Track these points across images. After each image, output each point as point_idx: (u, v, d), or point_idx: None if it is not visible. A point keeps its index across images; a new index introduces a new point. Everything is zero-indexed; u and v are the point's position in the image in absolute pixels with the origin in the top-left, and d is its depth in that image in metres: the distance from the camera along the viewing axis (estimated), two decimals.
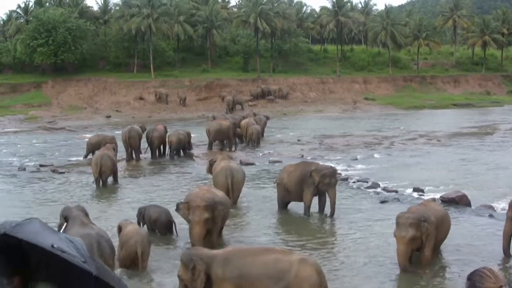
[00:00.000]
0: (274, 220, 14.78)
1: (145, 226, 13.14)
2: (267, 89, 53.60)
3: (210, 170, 17.20)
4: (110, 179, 19.38)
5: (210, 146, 26.32)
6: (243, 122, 29.07)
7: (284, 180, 15.21)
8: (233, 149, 26.63)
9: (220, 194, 12.64)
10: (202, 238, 11.60)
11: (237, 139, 28.03)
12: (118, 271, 10.45)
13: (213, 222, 11.73)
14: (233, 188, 15.48)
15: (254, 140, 28.36)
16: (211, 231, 11.91)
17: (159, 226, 13.04)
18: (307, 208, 14.75)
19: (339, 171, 21.26)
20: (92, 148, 23.87)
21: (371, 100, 55.42)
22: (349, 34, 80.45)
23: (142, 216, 13.16)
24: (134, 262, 10.78)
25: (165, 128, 25.52)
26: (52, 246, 2.00)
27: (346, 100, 55.29)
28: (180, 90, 51.96)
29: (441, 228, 11.12)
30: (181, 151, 25.16)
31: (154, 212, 13.16)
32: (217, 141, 27.14)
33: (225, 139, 26.84)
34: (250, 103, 50.55)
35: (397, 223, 10.77)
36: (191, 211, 11.65)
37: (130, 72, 56.72)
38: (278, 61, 63.26)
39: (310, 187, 14.50)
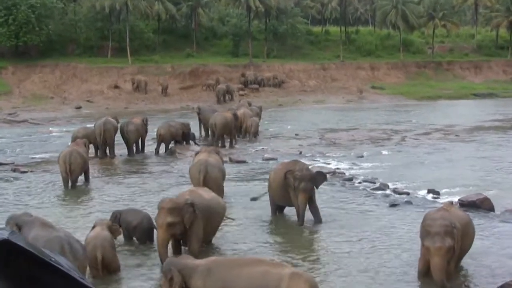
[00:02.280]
0: (263, 226, 14.72)
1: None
2: (255, 76, 53.48)
3: None
4: (80, 179, 19.33)
5: (217, 142, 26.41)
6: (239, 113, 29.22)
7: (271, 180, 15.32)
8: (233, 144, 26.98)
9: (208, 196, 12.59)
10: (166, 244, 11.67)
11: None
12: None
13: (183, 227, 11.73)
14: (207, 184, 15.46)
15: (254, 133, 29.06)
16: (190, 237, 11.91)
17: (140, 234, 13.02)
18: (297, 212, 14.70)
19: (342, 170, 21.33)
20: None
21: (379, 89, 55.52)
22: (354, 14, 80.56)
23: (118, 222, 13.11)
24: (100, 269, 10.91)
25: (144, 121, 25.42)
26: (51, 259, 2.01)
27: (350, 89, 55.36)
28: (161, 78, 51.88)
29: (467, 237, 10.98)
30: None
31: (134, 217, 13.11)
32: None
33: (228, 133, 27.02)
34: (241, 92, 50.56)
35: (428, 232, 10.42)
36: (157, 213, 11.83)
37: (104, 57, 56.52)
38: (273, 45, 63.20)
39: (292, 190, 14.54)
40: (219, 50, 62.22)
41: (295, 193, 14.50)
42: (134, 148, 24.90)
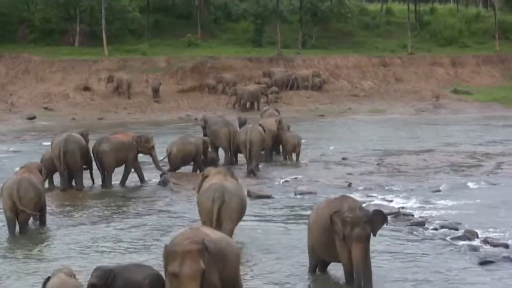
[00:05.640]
0: None
1: None
2: (285, 74, 53.35)
3: None
4: (33, 221, 19.30)
5: (256, 165, 27.14)
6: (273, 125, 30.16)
7: (311, 224, 15.16)
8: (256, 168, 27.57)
9: (215, 236, 12.49)
10: None
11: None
12: None
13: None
14: (220, 218, 15.64)
15: (297, 154, 30.05)
16: None
17: None
18: (346, 273, 14.51)
19: (410, 211, 21.16)
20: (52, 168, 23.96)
21: (464, 93, 55.28)
22: None
23: (111, 283, 12.67)
24: None
25: (137, 139, 25.22)
26: None
27: (422, 93, 55.21)
28: (151, 76, 52.01)
29: None
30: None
31: (143, 275, 12.76)
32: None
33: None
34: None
35: None
36: (174, 260, 11.48)
37: (69, 45, 56.83)
38: (311, 30, 63.28)
39: (340, 239, 14.31)
40: (235, 37, 62.42)
41: (344, 244, 14.30)
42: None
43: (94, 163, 24.78)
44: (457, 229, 19.06)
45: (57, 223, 19.94)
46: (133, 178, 25.64)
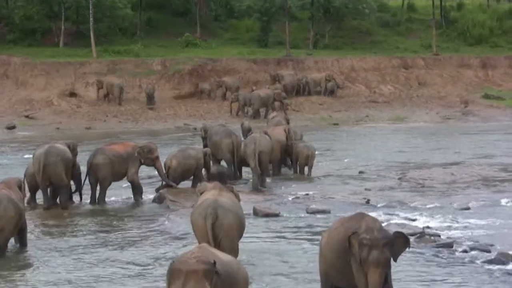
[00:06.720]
0: None
1: None
2: (294, 78, 53.28)
3: None
4: (12, 242, 19.34)
5: (262, 177, 27.44)
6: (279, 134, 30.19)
7: (323, 246, 15.05)
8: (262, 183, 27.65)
9: (225, 258, 12.49)
10: None
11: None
12: None
13: None
14: (216, 236, 15.73)
15: (310, 167, 29.87)
16: None
17: None
18: None
19: (436, 231, 21.10)
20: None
21: (495, 99, 55.16)
22: None
23: None
24: None
25: (135, 149, 25.18)
26: None
27: (449, 99, 55.18)
28: (145, 80, 51.99)
29: None
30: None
31: None
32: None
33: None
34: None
35: None
36: (178, 279, 11.44)
37: (53, 46, 56.85)
38: (323, 28, 63.26)
39: (357, 263, 14.23)
40: (238, 36, 62.43)
41: (361, 268, 14.23)
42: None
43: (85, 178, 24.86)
44: (489, 251, 18.99)
45: (39, 245, 19.92)
46: (124, 194, 25.71)
